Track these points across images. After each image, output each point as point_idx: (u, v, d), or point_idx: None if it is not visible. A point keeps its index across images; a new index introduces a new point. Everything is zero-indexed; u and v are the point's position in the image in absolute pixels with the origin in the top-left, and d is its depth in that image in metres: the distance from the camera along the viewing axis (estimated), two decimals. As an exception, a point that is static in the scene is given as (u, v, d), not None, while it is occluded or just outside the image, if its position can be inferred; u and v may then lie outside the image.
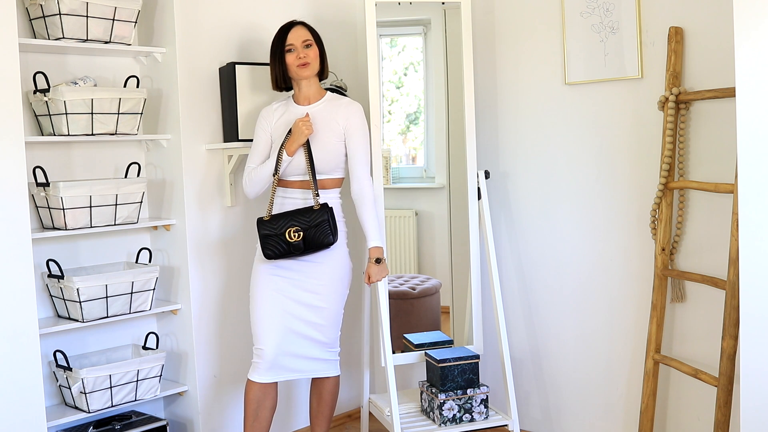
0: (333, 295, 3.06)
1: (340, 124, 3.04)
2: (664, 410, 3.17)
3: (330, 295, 3.06)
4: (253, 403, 3.04)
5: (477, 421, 3.26)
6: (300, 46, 3.02)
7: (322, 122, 3.03)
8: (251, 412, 3.05)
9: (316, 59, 3.05)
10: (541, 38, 3.42)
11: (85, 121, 2.97)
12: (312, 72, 3.05)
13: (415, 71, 3.95)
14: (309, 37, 3.05)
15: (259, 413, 3.05)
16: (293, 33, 3.03)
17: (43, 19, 2.92)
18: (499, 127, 3.59)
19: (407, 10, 3.51)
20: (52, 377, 3.08)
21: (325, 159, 3.01)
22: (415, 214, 3.95)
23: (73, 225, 2.96)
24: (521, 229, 3.56)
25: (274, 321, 3.00)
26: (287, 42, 3.02)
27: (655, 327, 3.05)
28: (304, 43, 3.03)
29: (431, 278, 3.86)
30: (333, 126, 3.03)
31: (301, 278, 3.03)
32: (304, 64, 3.02)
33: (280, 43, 3.04)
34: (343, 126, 3.04)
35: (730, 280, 2.71)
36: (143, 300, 3.16)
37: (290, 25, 3.06)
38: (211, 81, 3.35)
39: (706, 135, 2.98)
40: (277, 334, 3.00)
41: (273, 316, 3.00)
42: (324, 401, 3.16)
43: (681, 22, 3.00)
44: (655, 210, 3.05)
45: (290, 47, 3.02)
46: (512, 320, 3.60)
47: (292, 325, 3.02)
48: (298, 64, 3.01)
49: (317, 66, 3.06)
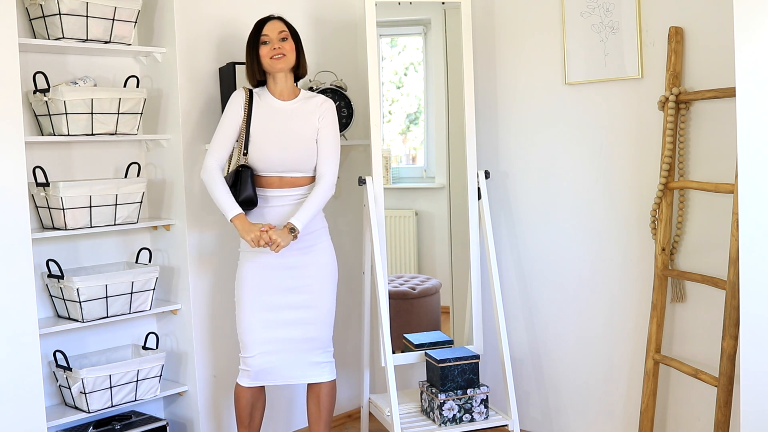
0: (322, 293, 3.04)
1: (314, 123, 3.01)
2: (664, 410, 3.17)
3: (319, 294, 3.03)
4: (246, 408, 3.04)
5: (477, 421, 3.26)
6: (275, 39, 2.97)
7: (298, 120, 3.00)
8: (245, 416, 3.05)
9: (291, 52, 2.99)
10: (541, 38, 3.42)
11: (85, 121, 2.97)
12: (287, 65, 2.98)
13: (415, 71, 3.95)
14: (284, 29, 2.99)
15: (253, 415, 3.06)
16: (269, 25, 2.99)
17: (43, 19, 2.92)
18: (499, 127, 3.59)
19: (407, 10, 3.51)
20: (52, 377, 3.08)
21: (302, 158, 2.98)
22: (415, 214, 3.95)
23: (73, 225, 2.96)
24: (521, 229, 3.56)
25: (261, 333, 2.98)
26: (263, 33, 2.97)
27: (655, 327, 3.05)
28: (280, 35, 2.98)
29: (431, 278, 3.86)
30: (308, 124, 3.00)
31: (285, 281, 3.00)
32: (279, 55, 2.96)
33: (256, 34, 2.99)
34: (317, 125, 3.01)
35: (730, 280, 2.71)
36: (143, 300, 3.16)
37: (268, 18, 3.02)
38: (211, 81, 3.35)
39: (706, 135, 2.98)
40: (264, 344, 2.98)
41: (259, 328, 2.98)
42: (322, 406, 3.10)
43: (681, 22, 3.00)
44: (655, 210, 3.05)
45: (265, 39, 2.97)
46: (512, 320, 3.60)
47: (281, 333, 2.99)
48: (272, 56, 2.96)
49: (293, 60, 3.00)
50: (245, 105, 2.98)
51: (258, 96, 3.02)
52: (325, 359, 3.07)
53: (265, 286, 2.99)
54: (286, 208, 2.98)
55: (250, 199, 2.93)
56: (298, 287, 3.01)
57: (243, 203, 2.93)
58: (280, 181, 2.99)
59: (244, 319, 2.99)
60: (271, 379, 3.03)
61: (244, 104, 2.98)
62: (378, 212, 3.34)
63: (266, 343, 2.98)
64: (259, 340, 2.98)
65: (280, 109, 3.01)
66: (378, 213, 3.34)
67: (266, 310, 2.99)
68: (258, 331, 2.98)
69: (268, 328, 2.99)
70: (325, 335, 3.06)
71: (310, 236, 3.01)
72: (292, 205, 2.98)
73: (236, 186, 2.94)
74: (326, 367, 3.07)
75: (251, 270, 2.99)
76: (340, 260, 3.86)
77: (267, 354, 2.99)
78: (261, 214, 2.99)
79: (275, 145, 2.96)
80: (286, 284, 3.00)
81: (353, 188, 3.84)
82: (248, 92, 3.01)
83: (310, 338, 3.03)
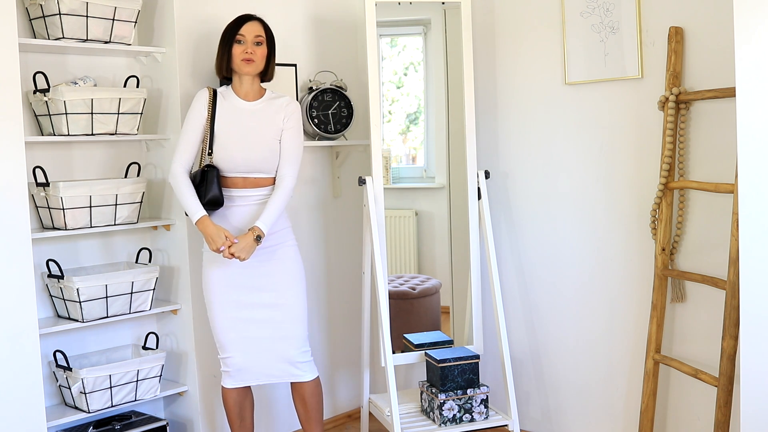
0: (289, 290, 3.03)
1: (278, 124, 3.01)
2: (664, 410, 3.17)
3: (286, 291, 3.03)
4: (235, 408, 3.05)
5: (477, 421, 3.26)
6: (250, 41, 2.97)
7: (262, 121, 3.00)
8: (235, 416, 3.07)
9: (262, 59, 2.99)
10: (541, 38, 3.42)
11: (85, 121, 2.97)
12: (254, 70, 2.99)
13: (415, 71, 3.95)
14: (261, 33, 2.99)
15: (243, 415, 3.07)
16: (247, 26, 2.98)
17: (43, 19, 2.92)
18: (499, 127, 3.59)
19: (407, 10, 3.51)
20: (52, 377, 3.08)
21: (266, 158, 2.98)
22: (415, 214, 3.95)
23: (73, 225, 2.96)
24: (521, 229, 3.56)
25: (235, 332, 2.99)
26: (239, 32, 2.97)
27: (655, 327, 3.05)
28: (256, 39, 2.98)
29: (431, 278, 3.86)
30: (272, 126, 3.01)
31: (252, 280, 3.00)
32: (248, 59, 2.96)
33: (232, 32, 2.99)
34: (281, 126, 3.02)
35: (730, 280, 2.71)
36: (143, 300, 3.16)
37: (248, 17, 3.01)
38: (211, 81, 3.35)
39: (706, 135, 2.98)
40: (242, 343, 3.00)
41: (233, 327, 2.99)
42: (309, 406, 3.10)
43: (681, 22, 3.00)
44: (655, 210, 3.05)
45: (240, 38, 2.97)
46: (512, 320, 3.60)
47: (254, 332, 3.00)
48: (243, 59, 2.97)
49: (261, 66, 3.00)
50: (209, 105, 2.99)
51: (222, 96, 3.03)
52: (303, 359, 3.06)
53: (232, 285, 2.99)
54: (250, 207, 2.99)
55: (216, 199, 2.94)
56: (265, 285, 3.02)
57: (209, 203, 2.93)
58: (244, 182, 3.00)
59: (216, 319, 3.00)
60: (252, 379, 3.05)
61: (208, 104, 2.99)
62: (378, 212, 3.34)
63: (241, 342, 3.00)
64: (234, 339, 3.00)
65: (245, 109, 3.02)
66: (378, 213, 3.34)
67: (236, 308, 3.00)
68: (231, 330, 2.99)
69: (240, 326, 3.00)
70: (299, 333, 3.04)
71: (273, 236, 3.01)
72: (255, 205, 2.99)
73: (202, 186, 2.94)
74: (305, 366, 3.06)
75: (216, 270, 3.00)
76: (340, 260, 3.88)
77: (244, 354, 3.00)
78: (224, 214, 2.99)
79: (239, 145, 2.97)
80: (252, 283, 3.01)
81: (353, 188, 3.84)
82: (212, 92, 3.01)
83: (283, 336, 3.02)
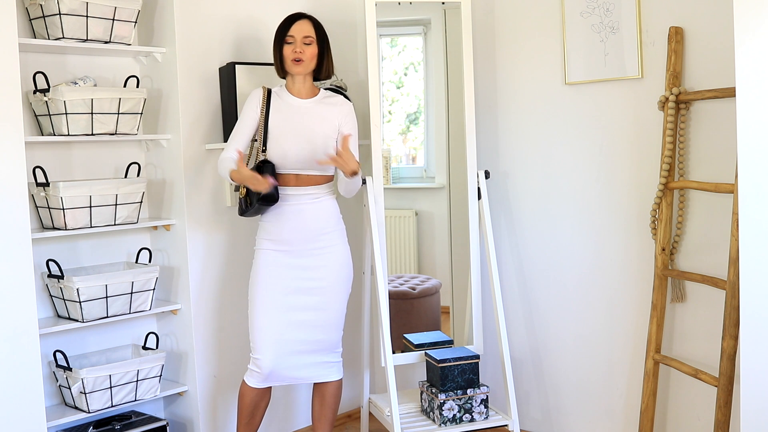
0: (337, 296, 3.06)
1: (334, 122, 3.03)
2: (664, 410, 3.17)
3: (334, 297, 3.05)
4: (249, 406, 3.04)
5: (477, 421, 3.26)
6: (299, 41, 2.98)
7: (314, 118, 3.01)
8: (247, 413, 3.05)
9: (312, 59, 3.00)
10: (541, 38, 3.42)
11: (85, 121, 2.97)
12: (304, 70, 3.00)
13: (415, 71, 3.94)
14: (311, 34, 3.00)
15: (255, 414, 3.06)
16: (297, 26, 2.99)
17: (43, 19, 2.92)
18: (499, 127, 3.59)
19: (407, 10, 3.51)
20: (52, 377, 3.08)
21: (318, 155, 2.97)
22: (415, 214, 3.95)
23: (73, 225, 2.96)
24: (521, 229, 3.56)
25: (275, 332, 2.97)
26: (289, 32, 2.99)
27: (655, 327, 3.05)
28: (305, 39, 2.99)
29: (431, 278, 3.86)
30: (327, 124, 3.02)
31: (302, 281, 3.00)
32: (297, 60, 2.98)
33: (282, 32, 3.00)
34: (338, 124, 3.03)
35: (730, 280, 2.71)
36: (143, 300, 3.16)
37: (298, 16, 3.02)
38: (211, 81, 3.35)
39: (706, 135, 2.98)
40: (276, 346, 2.98)
41: (271, 329, 2.97)
42: (327, 405, 3.12)
43: (681, 22, 3.00)
44: (655, 210, 3.05)
45: (290, 39, 2.99)
46: (512, 320, 3.60)
47: (291, 334, 2.99)
48: (292, 59, 2.98)
49: (311, 66, 3.01)
50: (263, 103, 3.00)
51: (276, 94, 3.04)
52: (333, 359, 3.09)
53: (280, 286, 2.99)
54: (303, 206, 2.99)
55: (272, 194, 2.92)
56: (312, 289, 3.01)
57: (264, 198, 2.91)
58: (297, 179, 3.00)
59: (257, 319, 2.98)
60: (277, 380, 3.04)
61: (262, 102, 3.01)
62: (378, 212, 3.34)
63: (275, 344, 2.98)
64: (270, 341, 2.97)
65: (298, 106, 3.03)
66: (378, 213, 3.34)
67: (279, 310, 2.98)
68: (269, 333, 2.97)
69: (280, 329, 2.98)
70: (335, 337, 3.08)
71: (326, 237, 3.02)
72: (308, 204, 2.99)
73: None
74: (333, 366, 3.10)
75: (267, 269, 2.99)
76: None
77: (275, 356, 2.98)
78: (277, 212, 2.99)
79: (292, 141, 2.97)
80: (300, 285, 3.00)
81: (353, 188, 3.84)
82: (266, 91, 3.03)
83: (319, 340, 3.04)
